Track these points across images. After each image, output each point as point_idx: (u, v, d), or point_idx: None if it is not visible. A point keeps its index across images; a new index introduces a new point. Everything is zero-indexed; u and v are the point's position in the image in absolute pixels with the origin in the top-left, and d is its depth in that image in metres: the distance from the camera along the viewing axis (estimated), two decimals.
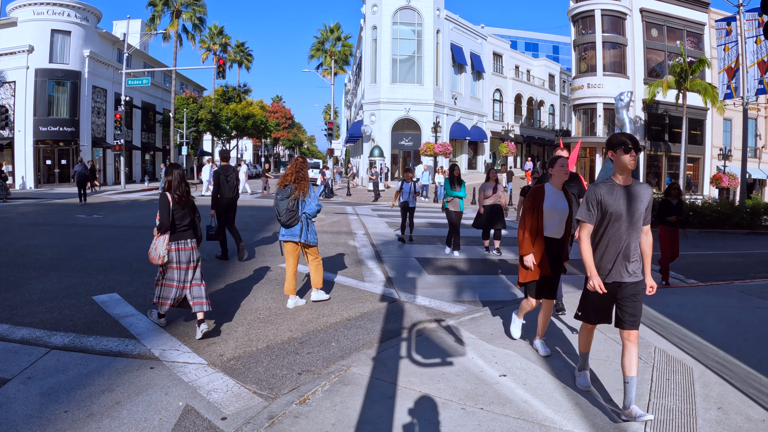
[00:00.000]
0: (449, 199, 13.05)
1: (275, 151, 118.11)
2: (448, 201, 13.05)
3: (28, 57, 39.51)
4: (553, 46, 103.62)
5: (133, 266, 10.75)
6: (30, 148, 39.58)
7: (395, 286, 9.64)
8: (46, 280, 9.39)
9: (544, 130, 68.02)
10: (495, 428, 4.31)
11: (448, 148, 42.39)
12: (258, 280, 9.91)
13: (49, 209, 23.14)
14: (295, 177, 8.12)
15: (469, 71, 53.58)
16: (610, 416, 4.55)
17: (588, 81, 47.72)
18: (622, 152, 4.57)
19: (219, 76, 36.89)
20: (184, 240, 6.72)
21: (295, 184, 8.06)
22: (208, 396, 4.99)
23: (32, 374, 5.32)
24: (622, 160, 4.58)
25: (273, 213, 8.43)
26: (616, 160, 4.63)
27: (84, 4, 41.84)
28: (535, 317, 6.54)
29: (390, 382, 5.17)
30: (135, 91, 48.76)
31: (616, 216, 4.58)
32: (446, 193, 13.18)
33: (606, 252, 4.67)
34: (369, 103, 47.76)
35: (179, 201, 6.69)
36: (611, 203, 4.60)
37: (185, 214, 6.77)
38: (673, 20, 47.17)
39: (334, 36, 65.51)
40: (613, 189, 4.64)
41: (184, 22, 51.33)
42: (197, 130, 57.19)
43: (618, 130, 24.15)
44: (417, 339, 6.47)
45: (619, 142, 4.61)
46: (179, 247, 6.69)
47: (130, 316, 7.35)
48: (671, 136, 46.80)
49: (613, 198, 4.60)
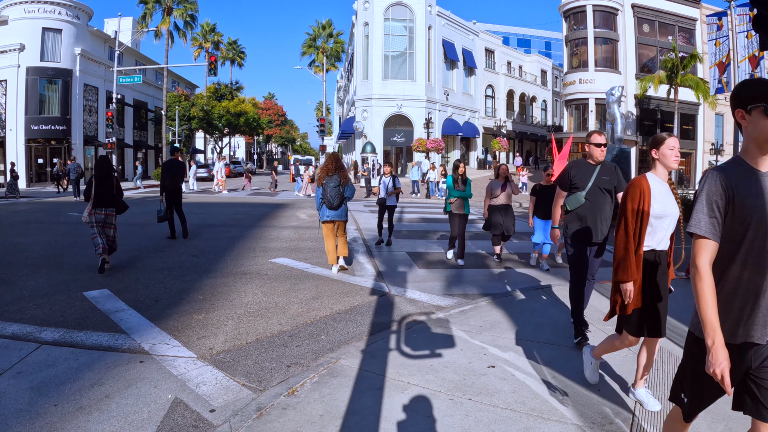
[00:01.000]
0: (452, 201, 11.21)
1: (267, 148, 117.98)
2: (451, 202, 11.23)
3: (19, 55, 39.35)
4: (545, 41, 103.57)
5: (124, 262, 10.75)
6: (22, 147, 39.42)
7: (385, 280, 9.67)
8: (37, 277, 9.39)
9: (537, 126, 68.20)
10: (483, 418, 4.33)
11: (441, 144, 42.45)
12: (248, 275, 9.92)
13: (40, 207, 23.06)
14: (335, 166, 10.08)
15: (461, 67, 53.64)
16: (598, 407, 4.58)
17: (580, 76, 47.80)
18: (761, 113, 2.54)
19: (211, 74, 36.83)
20: (100, 208, 10.13)
21: (339, 173, 9.99)
22: (197, 389, 5.00)
23: (22, 369, 5.32)
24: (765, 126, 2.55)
25: (264, 210, 8.48)
26: (755, 124, 2.58)
27: (75, 2, 41.66)
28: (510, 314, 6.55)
29: (379, 374, 5.19)
30: (127, 89, 48.57)
31: (763, 225, 2.57)
32: (449, 194, 11.29)
33: (739, 292, 2.64)
34: (361, 100, 47.76)
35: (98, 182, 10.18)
36: (753, 201, 2.58)
37: (105, 191, 10.20)
38: (665, 15, 47.27)
39: (325, 33, 65.50)
40: (750, 177, 2.64)
41: (176, 19, 51.22)
42: (189, 127, 57.10)
43: (609, 125, 24.23)
44: (406, 332, 6.49)
45: (756, 95, 2.57)
46: (95, 212, 10.08)
47: (121, 311, 7.36)
48: (663, 131, 46.70)
49: (754, 192, 2.60)
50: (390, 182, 13.10)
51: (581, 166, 6.23)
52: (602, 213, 6.10)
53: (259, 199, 28.82)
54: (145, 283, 9.04)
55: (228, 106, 60.51)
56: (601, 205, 6.10)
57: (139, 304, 7.71)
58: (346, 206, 10.26)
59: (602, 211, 6.10)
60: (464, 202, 11.30)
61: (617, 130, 23.35)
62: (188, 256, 11.60)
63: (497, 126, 57.11)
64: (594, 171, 6.16)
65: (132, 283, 9.00)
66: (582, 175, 6.16)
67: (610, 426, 4.23)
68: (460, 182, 11.30)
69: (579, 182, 6.16)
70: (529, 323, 6.88)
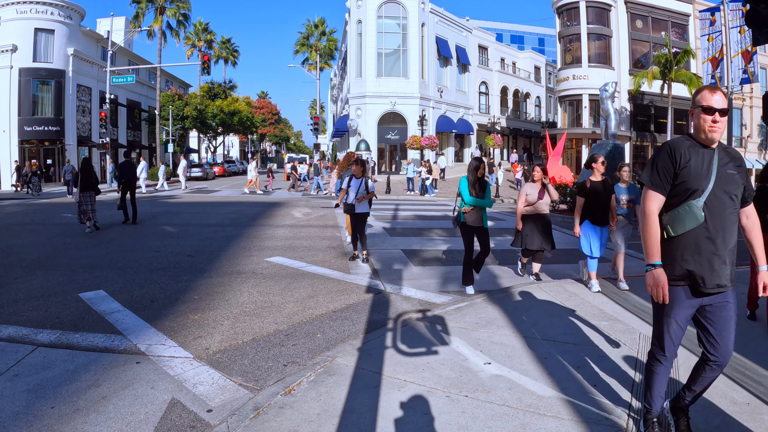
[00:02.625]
0: (467, 209, 8.72)
1: (262, 147, 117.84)
2: (466, 212, 8.74)
3: (11, 56, 39.14)
4: (539, 38, 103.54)
5: (119, 263, 10.73)
6: (15, 148, 39.24)
7: (381, 278, 9.68)
8: (32, 278, 9.37)
9: (531, 122, 68.25)
10: (479, 415, 4.35)
11: (435, 141, 42.50)
12: (244, 274, 9.92)
13: (34, 209, 22.99)
14: (349, 163, 12.45)
15: (454, 64, 53.67)
16: (595, 403, 4.60)
17: (573, 72, 47.86)
18: None
19: (204, 73, 37.00)
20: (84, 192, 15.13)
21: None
22: (194, 389, 5.01)
23: (19, 371, 5.32)
24: None
25: (259, 209, 8.52)
26: None
27: (67, 3, 41.44)
28: None
29: (375, 372, 5.21)
30: (120, 88, 48.38)
31: None
32: (462, 201, 8.78)
33: None
34: (355, 98, 47.75)
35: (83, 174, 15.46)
36: None
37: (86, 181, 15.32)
38: (658, 11, 47.36)
39: (318, 31, 65.35)
40: None
41: (169, 18, 51.02)
42: (183, 127, 56.95)
43: (603, 121, 24.28)
44: (402, 329, 6.51)
45: None
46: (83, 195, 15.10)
47: (117, 312, 7.35)
48: (657, 127, 47.02)
49: None
50: (361, 185, 11.09)
51: (690, 148, 3.63)
52: (729, 237, 3.58)
53: (254, 198, 28.78)
54: (140, 284, 9.03)
55: (222, 105, 60.35)
56: (726, 224, 3.57)
57: (135, 305, 7.70)
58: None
59: (729, 235, 3.58)
60: (482, 213, 8.82)
61: (611, 126, 23.40)
62: (183, 256, 11.59)
63: (491, 123, 57.15)
64: (713, 160, 3.60)
65: (127, 284, 8.98)
66: (696, 166, 3.57)
67: (606, 421, 4.24)
68: (478, 187, 8.81)
69: (692, 179, 3.56)
70: (524, 320, 6.89)
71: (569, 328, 6.55)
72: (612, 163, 22.32)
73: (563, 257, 12.06)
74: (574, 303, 7.70)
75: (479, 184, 8.78)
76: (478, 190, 8.73)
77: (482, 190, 8.76)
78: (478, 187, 8.74)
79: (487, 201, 8.76)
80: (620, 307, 7.50)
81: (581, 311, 7.29)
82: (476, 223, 8.69)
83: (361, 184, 11.03)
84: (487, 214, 8.91)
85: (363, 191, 11.00)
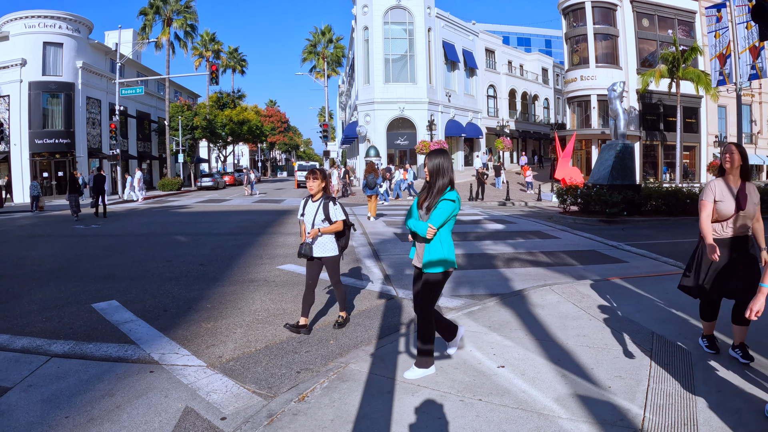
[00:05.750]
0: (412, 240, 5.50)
1: (272, 155, 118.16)
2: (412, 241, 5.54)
3: (21, 70, 39.48)
4: (545, 39, 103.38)
5: (132, 274, 10.77)
6: (26, 161, 39.53)
7: (393, 284, 9.67)
8: (45, 289, 9.41)
9: (540, 124, 68.13)
10: (493, 418, 4.33)
11: (444, 145, 42.46)
12: (256, 282, 9.93)
13: (46, 221, 23.15)
14: (370, 169, 20.25)
15: (462, 68, 53.66)
16: (609, 404, 4.57)
17: (581, 73, 47.70)
18: None
19: (212, 83, 36.99)
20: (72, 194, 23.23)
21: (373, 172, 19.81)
22: (208, 397, 5.01)
23: (33, 382, 5.34)
24: None
25: (270, 217, 8.52)
26: None
27: (75, 16, 41.81)
28: None
29: (388, 378, 5.19)
30: (129, 100, 48.74)
31: None
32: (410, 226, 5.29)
33: None
34: (363, 104, 47.83)
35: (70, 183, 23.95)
36: None
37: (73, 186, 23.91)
38: (664, 9, 47.16)
39: (325, 38, 65.64)
40: None
41: (176, 29, 51.34)
42: (193, 137, 57.15)
43: (612, 121, 24.19)
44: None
45: None
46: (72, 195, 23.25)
47: (130, 322, 7.37)
48: (666, 125, 46.79)
49: None
50: (318, 212, 6.86)
51: None
52: None
53: (265, 206, 28.88)
54: (153, 293, 9.06)
55: (231, 115, 60.56)
56: None
57: (148, 315, 7.73)
58: (377, 188, 20.75)
59: None
60: (430, 243, 5.24)
61: (620, 126, 23.28)
62: (195, 265, 11.62)
63: (500, 126, 57.07)
64: None
65: (140, 294, 9.01)
66: None
67: (622, 422, 4.21)
68: (424, 207, 5.34)
69: None
70: (537, 322, 6.86)
71: (582, 330, 6.51)
72: (623, 163, 22.24)
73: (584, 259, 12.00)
74: (587, 304, 7.66)
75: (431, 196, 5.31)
76: (424, 210, 5.33)
77: (427, 211, 5.28)
78: (424, 207, 5.35)
79: (421, 229, 5.15)
80: (633, 308, 7.45)
81: (594, 312, 7.24)
82: (417, 262, 5.43)
83: (318, 211, 6.85)
84: (445, 243, 5.23)
85: (321, 220, 6.82)
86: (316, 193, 6.91)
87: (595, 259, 12.22)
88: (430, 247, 5.21)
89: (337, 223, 6.83)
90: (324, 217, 6.80)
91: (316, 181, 6.86)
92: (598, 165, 23.38)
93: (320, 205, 6.85)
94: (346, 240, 7.13)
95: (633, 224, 19.37)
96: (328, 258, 6.94)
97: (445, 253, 5.19)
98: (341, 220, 6.87)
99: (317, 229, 6.72)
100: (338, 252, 7.01)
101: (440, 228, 5.15)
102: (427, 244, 5.22)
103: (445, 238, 5.23)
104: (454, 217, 5.25)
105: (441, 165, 5.24)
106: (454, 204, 5.15)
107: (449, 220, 5.20)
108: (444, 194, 5.15)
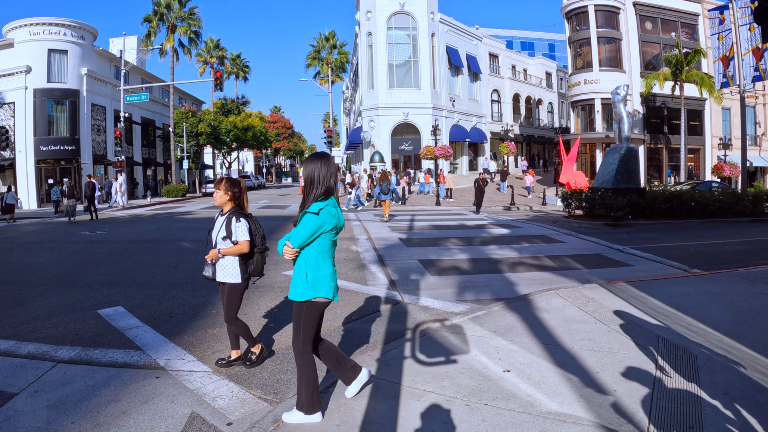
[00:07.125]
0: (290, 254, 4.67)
1: (276, 161, 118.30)
2: None
3: (26, 77, 39.71)
4: (549, 44, 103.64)
5: (137, 280, 10.79)
6: (32, 168, 39.75)
7: (398, 289, 9.66)
8: (51, 296, 9.43)
9: (544, 128, 68.14)
10: (499, 423, 4.32)
11: (449, 150, 42.48)
12: (261, 288, 9.93)
13: (52, 228, 23.21)
14: (384, 177, 23.59)
15: (465, 73, 53.72)
16: (615, 408, 4.56)
17: (585, 77, 47.74)
18: None
19: (217, 89, 37.10)
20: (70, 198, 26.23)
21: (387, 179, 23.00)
22: (214, 402, 5.02)
23: (39, 388, 5.35)
24: None
25: (274, 223, 8.52)
26: None
27: (80, 23, 42.03)
28: None
29: (394, 382, 5.19)
30: (134, 107, 48.95)
31: None
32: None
33: None
34: (367, 109, 47.89)
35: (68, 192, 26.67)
36: None
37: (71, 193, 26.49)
38: (667, 12, 47.19)
39: (329, 44, 65.72)
40: None
41: (180, 36, 51.46)
42: (197, 143, 57.27)
43: (616, 125, 24.19)
44: (420, 339, 6.48)
45: None
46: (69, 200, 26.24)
47: (135, 327, 7.39)
48: (670, 128, 46.75)
49: None
50: (221, 230, 5.89)
51: None
52: None
53: (269, 212, 28.91)
54: (158, 299, 9.07)
55: (235, 121, 60.63)
56: None
57: (153, 320, 7.74)
58: (392, 193, 23.55)
59: None
60: (295, 264, 4.69)
61: (624, 129, 23.28)
62: (200, 272, 11.61)
63: (504, 130, 57.06)
64: None
65: (145, 300, 9.03)
66: None
67: (627, 427, 4.20)
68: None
69: None
70: (542, 326, 6.85)
71: (588, 334, 6.49)
72: (627, 166, 22.22)
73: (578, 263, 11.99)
74: (592, 308, 7.64)
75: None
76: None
77: None
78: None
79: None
80: (639, 311, 7.43)
81: (599, 316, 7.23)
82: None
83: (222, 227, 5.86)
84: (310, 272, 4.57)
85: (222, 238, 5.80)
86: (222, 205, 5.97)
87: (601, 262, 12.21)
88: (295, 269, 4.62)
89: (239, 245, 5.74)
90: (225, 234, 5.76)
91: (219, 192, 5.93)
92: (603, 168, 23.37)
93: (225, 220, 5.85)
94: (258, 265, 6.01)
95: (638, 227, 19.35)
96: (228, 285, 5.84)
97: (309, 278, 4.48)
98: (245, 241, 5.76)
99: (217, 250, 5.73)
100: (241, 279, 5.83)
101: (306, 246, 4.49)
102: (294, 265, 4.62)
103: (312, 260, 4.49)
104: (328, 234, 4.50)
105: (315, 173, 4.53)
106: (318, 218, 4.40)
107: (318, 238, 4.46)
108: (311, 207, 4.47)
